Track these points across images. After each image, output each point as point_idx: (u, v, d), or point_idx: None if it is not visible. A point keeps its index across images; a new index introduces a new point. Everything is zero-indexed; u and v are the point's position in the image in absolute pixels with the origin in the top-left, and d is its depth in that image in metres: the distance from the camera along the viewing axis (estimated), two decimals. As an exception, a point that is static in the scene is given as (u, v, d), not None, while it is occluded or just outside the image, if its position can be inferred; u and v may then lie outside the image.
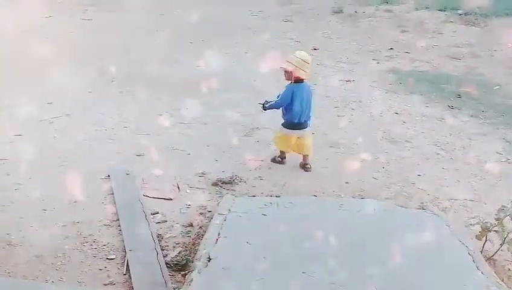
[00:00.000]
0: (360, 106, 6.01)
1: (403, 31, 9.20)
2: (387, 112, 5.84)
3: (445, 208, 3.99)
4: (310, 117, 4.43)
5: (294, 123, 4.36)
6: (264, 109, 4.51)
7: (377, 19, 9.82)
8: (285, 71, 4.30)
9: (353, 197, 4.07)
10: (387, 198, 4.09)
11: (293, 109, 4.31)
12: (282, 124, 4.46)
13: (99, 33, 8.63)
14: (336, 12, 10.19)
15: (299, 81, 4.31)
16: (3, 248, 3.34)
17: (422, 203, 4.02)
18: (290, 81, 4.34)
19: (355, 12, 10.13)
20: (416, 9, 10.16)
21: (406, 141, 5.13)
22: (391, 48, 8.34)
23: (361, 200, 3.99)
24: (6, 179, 4.14)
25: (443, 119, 5.67)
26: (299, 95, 4.28)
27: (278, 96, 4.42)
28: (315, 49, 8.17)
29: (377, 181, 4.36)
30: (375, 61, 7.73)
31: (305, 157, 4.51)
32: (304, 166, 4.51)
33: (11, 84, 6.19)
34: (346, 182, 4.30)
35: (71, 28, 8.85)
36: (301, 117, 4.34)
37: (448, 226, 3.56)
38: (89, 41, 8.11)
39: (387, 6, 10.40)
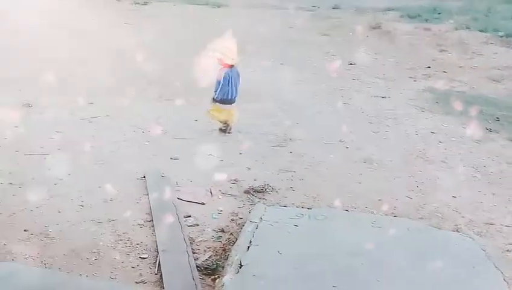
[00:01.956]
0: (395, 123, 5.95)
1: (441, 50, 9.08)
2: (423, 130, 5.76)
3: (481, 232, 3.90)
4: (236, 95, 5.26)
5: (226, 99, 5.18)
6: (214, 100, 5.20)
7: (415, 37, 9.74)
8: (217, 59, 5.08)
9: (386, 215, 4.03)
10: (420, 218, 4.03)
11: (225, 89, 5.13)
12: (216, 101, 5.21)
13: (141, 37, 8.83)
14: (374, 28, 10.16)
15: (229, 66, 5.11)
16: (41, 240, 3.45)
17: (457, 225, 3.94)
18: (221, 67, 5.12)
19: (394, 29, 10.07)
20: (456, 29, 10.03)
21: (442, 161, 5.04)
22: (429, 67, 8.23)
23: (394, 218, 3.95)
24: (47, 173, 4.28)
25: (480, 141, 5.55)
26: (230, 77, 5.14)
27: (222, 82, 5.09)
28: (351, 64, 8.16)
29: (411, 200, 4.30)
30: (412, 79, 7.65)
31: (230, 125, 5.34)
32: (226, 130, 5.33)
33: (55, 84, 6.40)
34: (379, 199, 4.26)
35: (114, 31, 9.10)
36: (232, 95, 5.18)
37: (484, 250, 3.48)
38: (131, 45, 8.30)
39: (426, 25, 10.30)
